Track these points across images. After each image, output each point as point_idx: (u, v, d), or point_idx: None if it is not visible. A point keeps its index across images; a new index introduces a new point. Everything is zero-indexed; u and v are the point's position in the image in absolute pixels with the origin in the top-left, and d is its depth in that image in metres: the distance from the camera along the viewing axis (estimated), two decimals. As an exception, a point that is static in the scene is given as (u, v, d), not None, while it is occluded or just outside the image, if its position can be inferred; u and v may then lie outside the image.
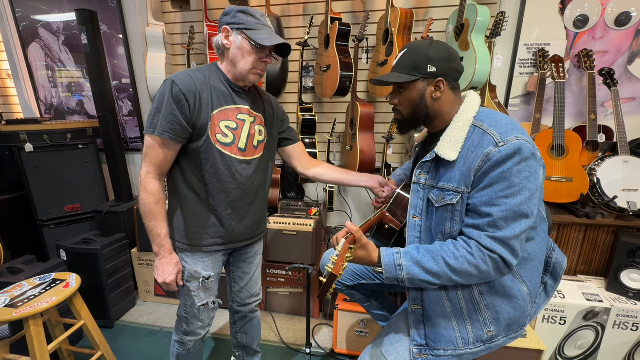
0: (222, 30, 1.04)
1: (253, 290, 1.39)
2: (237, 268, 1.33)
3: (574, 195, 1.72)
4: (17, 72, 2.64)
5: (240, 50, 1.04)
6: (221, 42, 1.05)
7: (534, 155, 0.79)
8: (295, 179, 2.26)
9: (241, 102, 1.12)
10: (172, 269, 1.09)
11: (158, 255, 1.08)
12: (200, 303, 1.20)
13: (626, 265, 1.57)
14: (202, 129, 1.04)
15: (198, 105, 1.02)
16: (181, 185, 1.10)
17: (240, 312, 1.42)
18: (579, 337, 1.59)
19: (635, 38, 1.83)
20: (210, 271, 1.18)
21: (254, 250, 1.33)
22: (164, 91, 1.00)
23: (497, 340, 0.92)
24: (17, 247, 2.24)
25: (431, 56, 0.87)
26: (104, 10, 2.36)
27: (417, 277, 0.84)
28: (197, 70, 1.07)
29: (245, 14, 1.03)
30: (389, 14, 1.81)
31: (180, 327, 1.25)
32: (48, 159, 2.21)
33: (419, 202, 0.95)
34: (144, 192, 1.03)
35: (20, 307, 1.25)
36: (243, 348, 1.52)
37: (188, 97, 1.00)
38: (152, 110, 1.02)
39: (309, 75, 2.24)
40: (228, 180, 1.10)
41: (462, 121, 0.88)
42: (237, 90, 1.11)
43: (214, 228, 1.14)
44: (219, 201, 1.11)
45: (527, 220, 0.79)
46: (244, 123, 1.11)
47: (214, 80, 1.07)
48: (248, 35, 1.02)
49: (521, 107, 2.05)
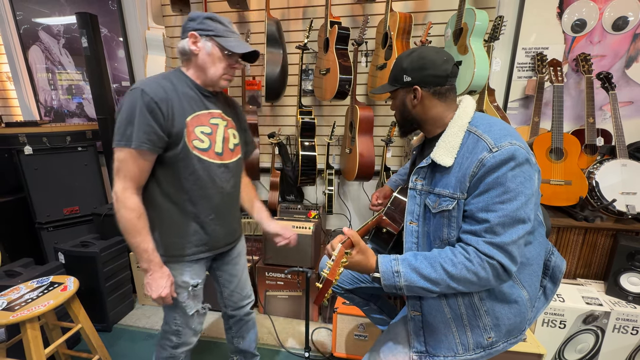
0: (189, 35, 1.02)
1: (244, 292, 1.38)
2: (223, 272, 1.31)
3: (573, 198, 1.72)
4: (17, 74, 2.65)
5: (210, 57, 1.04)
6: (188, 48, 1.03)
7: (528, 161, 0.79)
8: (294, 182, 2.26)
9: (212, 107, 1.11)
10: (165, 282, 1.05)
11: (148, 271, 1.04)
12: (191, 312, 1.18)
13: (625, 268, 1.56)
14: (177, 137, 1.02)
15: (171, 113, 1.00)
16: (157, 196, 1.06)
17: (235, 316, 1.40)
18: (579, 340, 1.58)
19: (633, 42, 1.85)
20: (197, 278, 1.16)
21: (237, 251, 1.32)
22: (133, 101, 0.96)
23: (497, 346, 0.92)
24: (15, 250, 2.23)
25: (405, 67, 0.91)
26: (105, 14, 2.37)
27: (415, 284, 0.83)
28: (163, 78, 1.04)
29: (214, 21, 1.03)
30: (388, 18, 1.82)
31: (169, 342, 1.21)
32: (47, 162, 2.21)
33: (415, 207, 0.94)
34: (123, 209, 0.98)
35: (18, 311, 1.25)
36: (240, 352, 1.50)
37: (160, 105, 0.97)
38: (121, 121, 0.96)
39: (309, 78, 2.25)
40: (209, 186, 1.09)
41: (457, 126, 0.88)
42: (207, 95, 1.10)
43: (196, 236, 1.12)
44: (201, 207, 1.10)
45: (524, 225, 0.79)
46: (217, 127, 1.11)
47: (181, 86, 1.05)
48: (219, 42, 1.02)
49: (520, 110, 2.06)
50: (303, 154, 2.09)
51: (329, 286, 0.80)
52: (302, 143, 2.10)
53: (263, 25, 2.09)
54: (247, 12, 2.23)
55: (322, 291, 0.81)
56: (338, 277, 0.80)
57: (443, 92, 0.91)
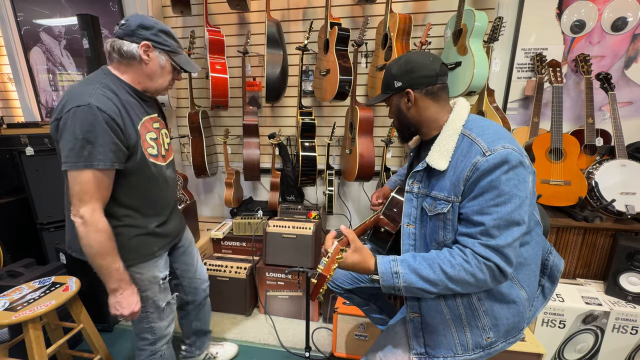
0: (141, 44, 1.02)
1: (203, 276, 1.49)
2: (180, 263, 1.38)
3: (572, 198, 1.73)
4: (19, 76, 2.66)
5: (161, 69, 1.08)
6: (138, 55, 1.02)
7: (521, 163, 0.80)
8: (294, 182, 2.26)
9: (151, 111, 1.15)
10: (135, 299, 1.08)
11: (118, 290, 1.03)
12: (162, 304, 1.23)
13: (625, 268, 1.57)
14: (135, 147, 1.03)
15: (125, 126, 1.00)
16: (114, 207, 1.05)
17: (194, 301, 1.48)
18: (579, 340, 1.59)
19: (632, 43, 1.85)
20: (165, 271, 1.23)
21: (187, 239, 1.41)
22: (88, 119, 0.92)
23: (496, 346, 0.92)
24: (17, 251, 2.23)
25: (394, 73, 0.93)
26: (105, 15, 2.38)
27: (414, 285, 0.84)
28: (103, 87, 0.99)
29: (169, 36, 1.07)
30: (387, 19, 1.82)
31: (145, 341, 1.24)
32: (48, 163, 2.21)
33: (412, 210, 0.95)
34: (94, 232, 0.96)
35: (20, 311, 1.25)
36: (196, 333, 1.58)
37: (117, 121, 0.97)
38: (75, 141, 0.92)
39: (309, 79, 2.26)
40: (163, 186, 1.16)
41: (451, 130, 0.89)
42: (146, 100, 1.13)
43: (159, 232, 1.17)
44: (161, 207, 1.18)
45: (519, 227, 0.80)
46: (159, 130, 1.15)
47: (123, 94, 1.03)
48: (172, 59, 1.09)
49: (519, 111, 2.06)
50: (303, 155, 2.10)
51: (323, 281, 0.81)
52: (302, 144, 2.10)
53: (263, 26, 2.10)
54: (247, 13, 2.24)
55: (316, 286, 0.82)
56: (333, 272, 0.81)
57: (435, 91, 0.92)
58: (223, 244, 2.28)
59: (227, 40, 2.17)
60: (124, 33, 1.03)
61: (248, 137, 2.24)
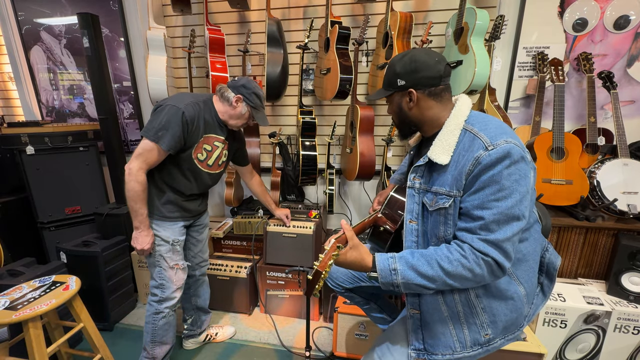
0: (235, 96, 1.42)
1: (204, 256, 1.78)
2: (191, 237, 1.68)
3: (574, 198, 1.72)
4: (19, 75, 2.66)
5: (242, 115, 1.47)
6: (232, 101, 1.43)
7: (523, 159, 0.80)
8: (295, 182, 2.26)
9: (221, 134, 1.50)
10: (149, 240, 1.42)
11: (138, 228, 1.38)
12: (172, 263, 1.49)
13: (627, 268, 1.56)
14: (190, 146, 1.40)
15: (194, 130, 1.39)
16: (156, 176, 1.44)
17: (193, 276, 1.75)
18: (580, 340, 1.58)
19: (634, 41, 1.84)
20: (178, 237, 1.51)
21: (203, 223, 1.72)
22: (174, 116, 1.31)
23: (494, 343, 0.92)
24: (17, 249, 2.24)
25: (398, 71, 0.92)
26: (106, 14, 2.38)
27: (412, 282, 0.84)
28: (198, 102, 1.41)
29: (257, 98, 1.46)
30: (388, 18, 1.82)
31: (154, 297, 1.50)
32: (49, 162, 2.22)
33: (414, 206, 0.95)
34: (135, 182, 1.31)
35: (20, 310, 1.25)
36: (196, 309, 1.82)
37: (189, 122, 1.35)
38: (158, 123, 1.30)
39: (309, 78, 2.25)
40: (196, 182, 1.50)
41: (453, 125, 0.88)
42: (221, 126, 1.50)
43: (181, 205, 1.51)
44: (189, 191, 1.50)
45: (518, 222, 0.80)
46: (217, 148, 1.51)
47: (207, 113, 1.43)
48: (252, 113, 1.49)
49: (521, 109, 2.05)
50: (304, 154, 2.09)
51: (318, 277, 0.81)
52: (302, 143, 2.10)
53: (264, 25, 2.09)
54: (247, 12, 2.23)
55: (312, 282, 0.83)
56: (329, 269, 0.81)
57: (438, 92, 0.91)
58: (223, 243, 2.27)
59: (228, 39, 2.17)
60: (231, 85, 1.45)
61: (248, 136, 2.24)
